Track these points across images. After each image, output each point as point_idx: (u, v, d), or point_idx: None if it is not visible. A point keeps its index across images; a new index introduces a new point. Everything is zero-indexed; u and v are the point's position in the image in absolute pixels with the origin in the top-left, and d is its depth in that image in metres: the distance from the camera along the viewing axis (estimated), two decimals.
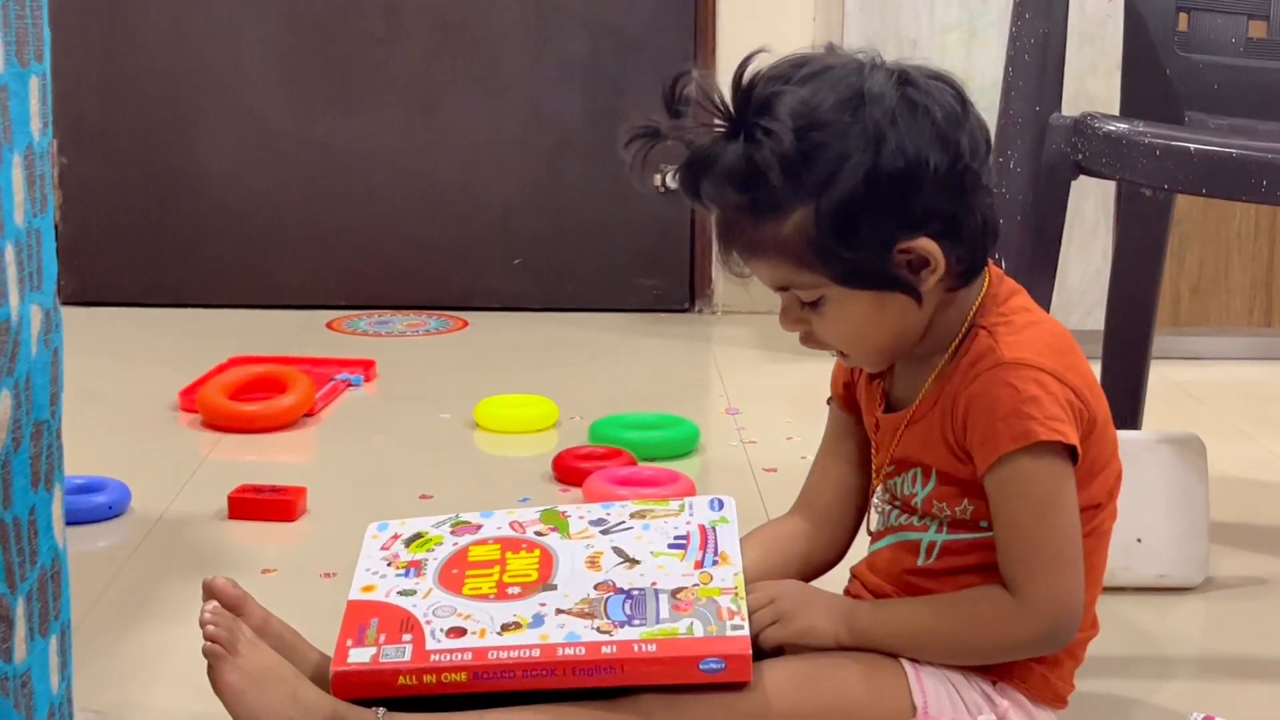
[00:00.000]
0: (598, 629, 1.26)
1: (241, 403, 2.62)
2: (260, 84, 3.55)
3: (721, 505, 1.42)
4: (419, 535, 1.40)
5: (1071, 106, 1.86)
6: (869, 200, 1.25)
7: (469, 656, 1.25)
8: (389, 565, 1.37)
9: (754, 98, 1.26)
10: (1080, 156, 1.72)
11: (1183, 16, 2.06)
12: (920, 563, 1.36)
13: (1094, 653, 1.43)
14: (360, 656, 1.27)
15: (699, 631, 1.26)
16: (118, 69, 3.53)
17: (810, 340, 1.35)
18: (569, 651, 1.25)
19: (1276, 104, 2.04)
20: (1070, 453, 1.29)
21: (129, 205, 3.57)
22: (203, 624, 1.29)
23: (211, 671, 1.28)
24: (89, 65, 3.52)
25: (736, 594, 1.29)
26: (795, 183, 1.25)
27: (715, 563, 1.32)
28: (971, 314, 1.34)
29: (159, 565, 2.00)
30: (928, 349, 1.36)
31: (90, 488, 2.17)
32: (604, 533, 1.38)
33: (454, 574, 1.34)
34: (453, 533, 1.40)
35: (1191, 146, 1.65)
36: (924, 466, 1.36)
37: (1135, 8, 2.05)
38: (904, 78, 1.28)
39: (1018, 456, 1.27)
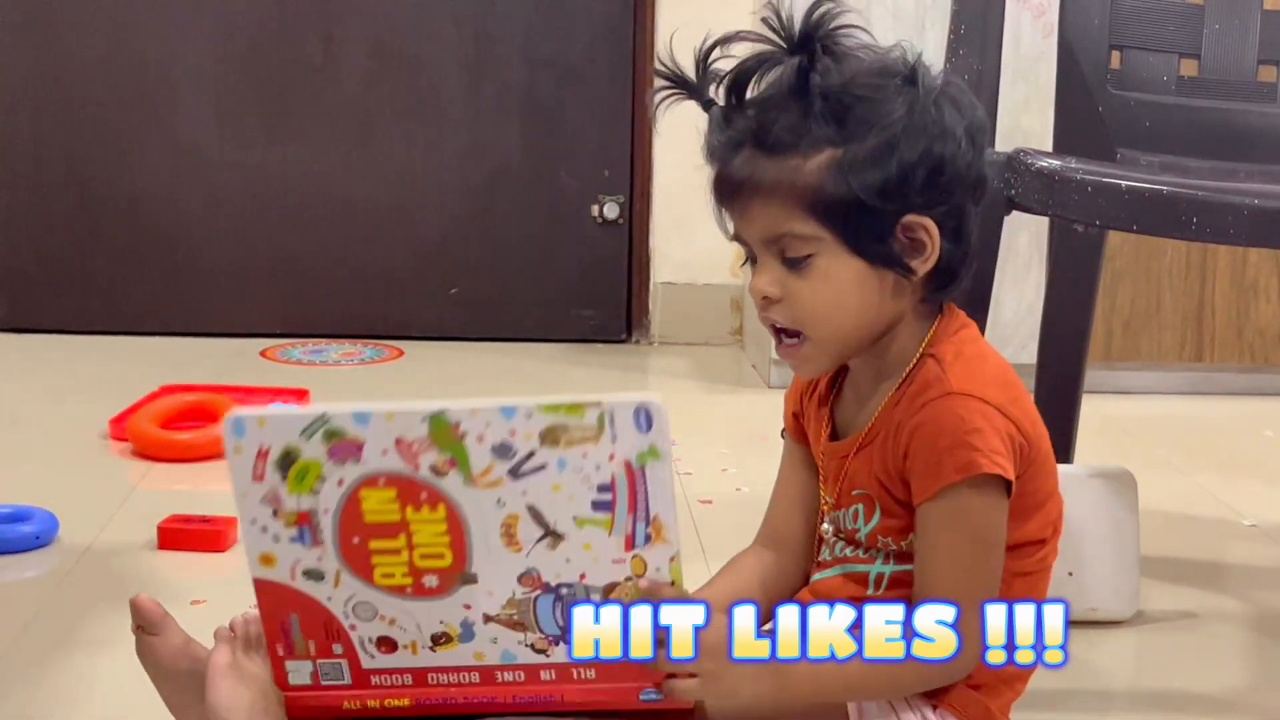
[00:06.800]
0: (533, 646, 1.23)
1: (173, 431, 2.60)
2: (195, 110, 3.53)
3: (649, 423, 1.25)
4: (289, 456, 1.24)
5: (1006, 142, 1.87)
6: (898, 161, 1.25)
7: (409, 680, 1.24)
8: (275, 516, 1.24)
9: (820, 25, 1.25)
10: (1013, 192, 1.73)
11: (1115, 54, 2.08)
12: (870, 593, 1.35)
13: (1027, 685, 1.43)
14: (300, 678, 1.24)
15: None
16: (50, 94, 3.50)
17: (774, 309, 1.30)
18: (508, 675, 1.23)
19: (1207, 142, 2.06)
20: (1007, 487, 1.29)
21: (61, 231, 3.54)
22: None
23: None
24: (21, 90, 3.49)
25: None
26: (834, 120, 1.25)
27: (649, 539, 1.20)
28: (924, 343, 1.34)
29: (87, 596, 1.97)
30: (879, 375, 1.35)
31: (17, 517, 2.14)
32: (512, 474, 1.20)
33: (355, 545, 1.22)
34: (330, 455, 1.22)
35: (1123, 183, 1.66)
36: (867, 500, 1.35)
37: (1068, 45, 2.07)
38: (948, 79, 1.30)
39: (960, 488, 1.26)
